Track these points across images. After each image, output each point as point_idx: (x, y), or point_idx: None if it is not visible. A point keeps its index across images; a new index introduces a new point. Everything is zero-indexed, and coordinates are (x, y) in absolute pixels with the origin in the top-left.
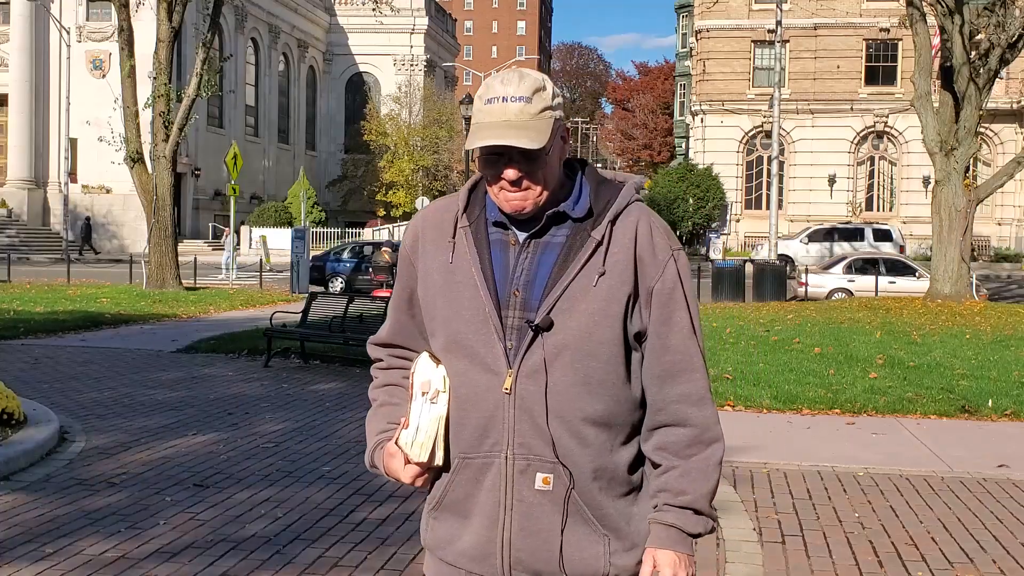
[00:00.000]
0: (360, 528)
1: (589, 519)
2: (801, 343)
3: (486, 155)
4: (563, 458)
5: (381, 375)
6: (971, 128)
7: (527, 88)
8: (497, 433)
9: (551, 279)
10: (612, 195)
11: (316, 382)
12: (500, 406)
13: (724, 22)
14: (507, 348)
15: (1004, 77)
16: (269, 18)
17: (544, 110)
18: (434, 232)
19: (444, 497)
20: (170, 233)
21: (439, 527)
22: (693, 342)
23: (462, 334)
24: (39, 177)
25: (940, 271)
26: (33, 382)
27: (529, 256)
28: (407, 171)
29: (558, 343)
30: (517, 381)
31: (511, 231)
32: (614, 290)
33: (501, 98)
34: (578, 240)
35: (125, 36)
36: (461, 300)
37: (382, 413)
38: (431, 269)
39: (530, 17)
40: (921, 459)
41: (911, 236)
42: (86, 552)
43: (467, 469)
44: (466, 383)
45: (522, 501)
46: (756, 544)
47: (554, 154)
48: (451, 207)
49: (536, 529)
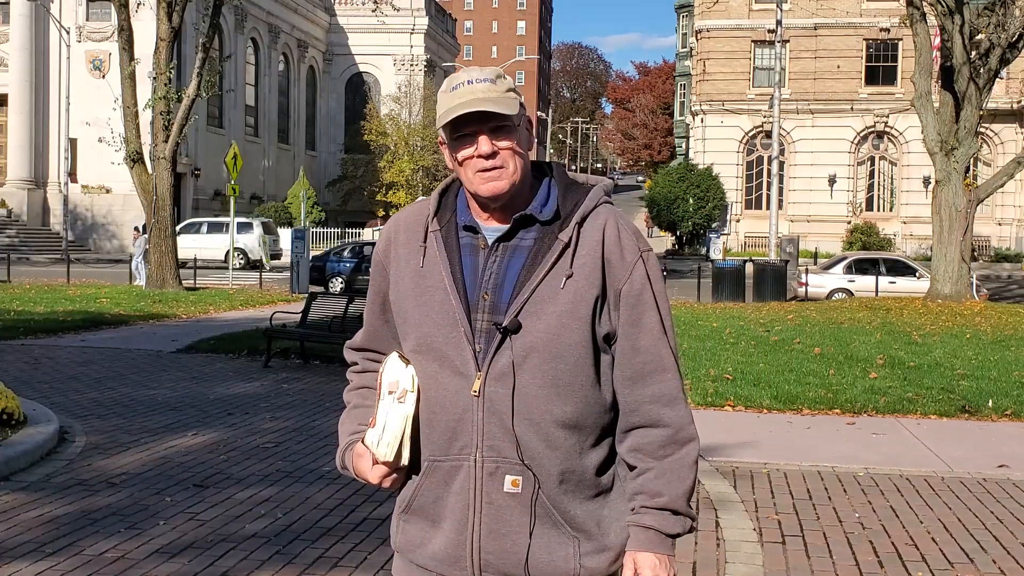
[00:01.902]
0: (360, 528)
1: (558, 522)
2: (801, 343)
3: (457, 136)
4: (530, 460)
5: (355, 378)
6: (971, 128)
7: (490, 73)
8: (466, 436)
9: (519, 282)
10: (580, 197)
11: (316, 382)
12: (469, 408)
13: (724, 22)
14: (476, 351)
15: (1004, 77)
16: (269, 18)
17: (509, 91)
18: (406, 236)
19: (413, 500)
20: (170, 233)
21: (409, 529)
22: (664, 343)
23: (432, 337)
24: (39, 177)
25: (940, 271)
26: (33, 382)
27: (498, 260)
28: (407, 171)
29: (526, 345)
30: (486, 384)
31: (480, 235)
32: (582, 292)
33: (466, 81)
34: (546, 243)
35: (125, 36)
36: (431, 304)
37: (355, 415)
38: (403, 274)
39: (530, 17)
40: (921, 459)
41: (911, 236)
42: (86, 552)
43: (436, 472)
44: (435, 386)
45: (491, 504)
46: (756, 544)
47: (523, 138)
48: (422, 211)
49: (505, 532)
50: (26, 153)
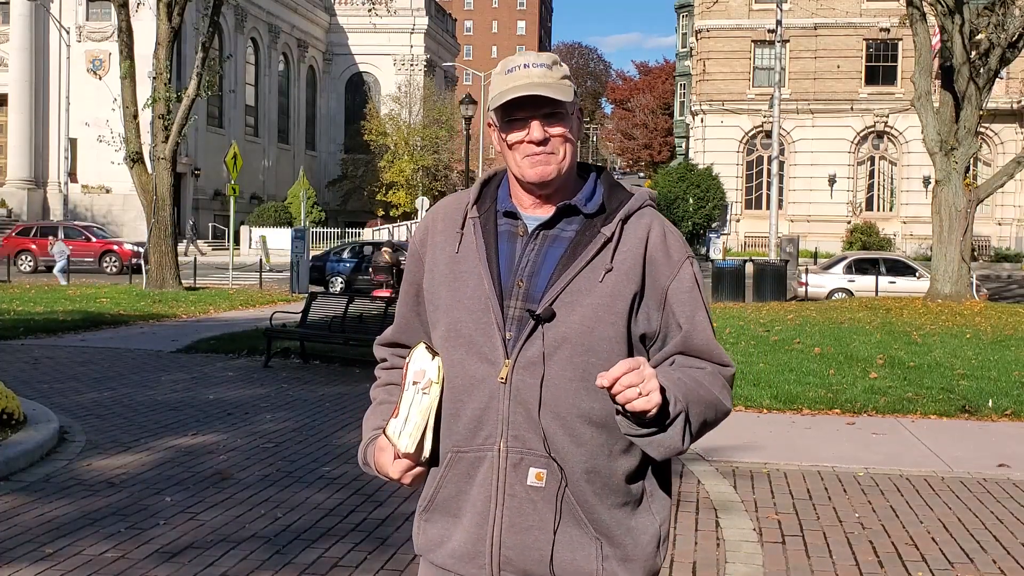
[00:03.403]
0: (360, 528)
1: (582, 520)
2: (801, 343)
3: (509, 119)
4: (555, 454)
5: (383, 374)
6: (971, 128)
7: (547, 58)
8: (491, 425)
9: (556, 271)
10: (625, 197)
11: (316, 382)
12: (495, 396)
13: (724, 22)
14: (506, 338)
15: (1004, 77)
16: (269, 18)
17: (564, 78)
18: (444, 224)
19: (436, 495)
20: (170, 233)
21: (430, 529)
22: (716, 342)
23: (462, 322)
24: (39, 177)
25: (940, 271)
26: (33, 382)
27: (536, 247)
28: (407, 171)
29: (558, 336)
30: (513, 371)
31: (520, 221)
32: (620, 287)
33: (523, 64)
34: (587, 235)
35: (125, 36)
36: (464, 289)
37: (380, 412)
38: (438, 261)
39: (530, 17)
40: (921, 459)
41: (911, 236)
42: (86, 552)
43: (459, 463)
44: (462, 373)
45: (513, 496)
46: (756, 544)
47: (574, 126)
48: (462, 200)
49: (526, 526)
50: (26, 153)
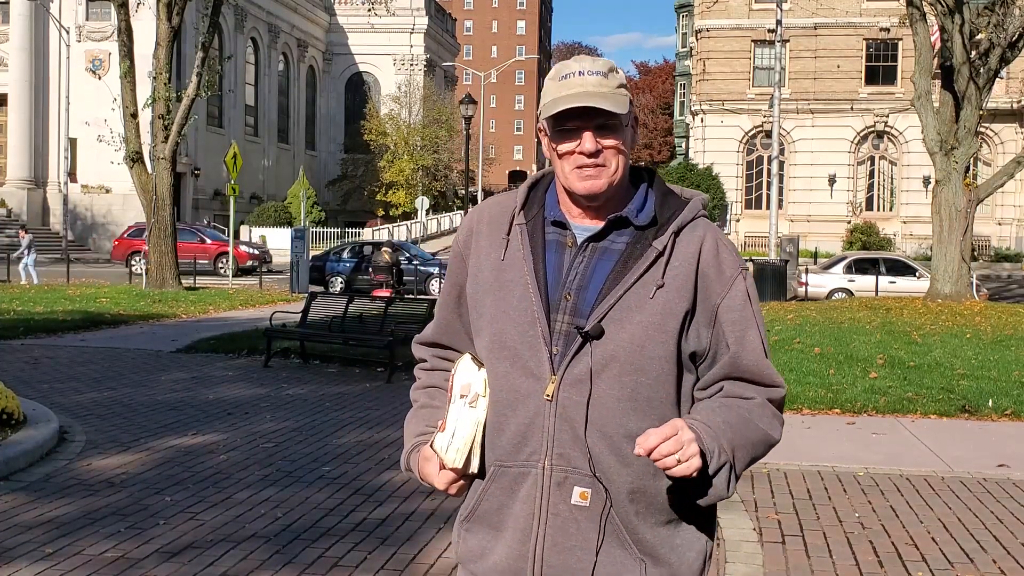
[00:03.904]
0: (360, 528)
1: (626, 541)
2: (801, 343)
3: (560, 128)
4: (601, 474)
5: (424, 376)
6: (971, 128)
7: (603, 65)
8: (536, 442)
9: (606, 286)
10: (678, 207)
11: (316, 382)
12: (540, 413)
13: (724, 22)
14: (552, 353)
15: (1004, 77)
16: (269, 18)
17: (620, 87)
18: (489, 228)
19: (477, 507)
20: (170, 233)
21: (470, 539)
22: (767, 363)
23: (507, 335)
24: (39, 177)
25: (940, 271)
26: (33, 382)
27: (585, 260)
28: (407, 171)
29: (607, 353)
30: (560, 388)
31: (569, 231)
32: (671, 304)
33: (578, 72)
34: (638, 248)
35: (124, 36)
36: (510, 300)
37: (421, 415)
38: (482, 266)
39: (530, 17)
40: (921, 459)
41: (911, 236)
42: (86, 552)
43: (503, 477)
44: (506, 387)
45: (557, 515)
46: (756, 544)
47: (628, 137)
48: (508, 203)
49: (570, 546)
50: (26, 153)
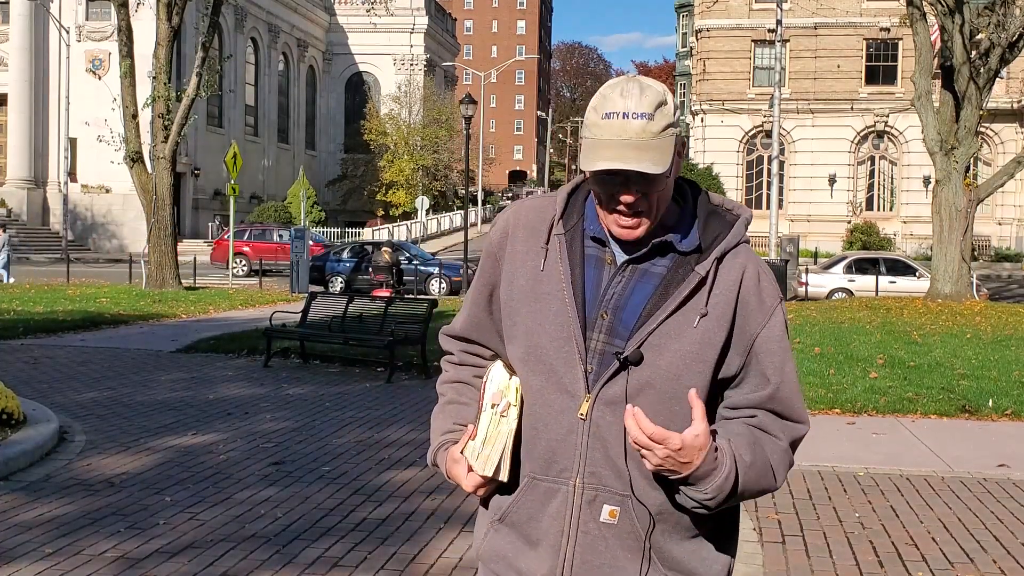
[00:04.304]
0: (360, 528)
1: (653, 559)
2: (801, 343)
3: (601, 175)
4: (637, 495)
5: (452, 370)
6: (971, 128)
7: (649, 103)
8: (567, 459)
9: (646, 310)
10: (722, 230)
11: (316, 382)
12: (573, 431)
13: (724, 21)
14: (587, 371)
15: (1004, 77)
16: (269, 18)
17: (666, 128)
18: (526, 233)
19: (509, 512)
20: (170, 233)
21: (498, 539)
22: (800, 397)
23: (543, 349)
24: (39, 177)
25: (940, 271)
26: (33, 382)
27: (624, 280)
28: (407, 171)
29: (643, 380)
30: (594, 408)
31: (609, 249)
32: (711, 334)
33: (621, 114)
34: (680, 274)
35: (124, 36)
36: (546, 313)
37: (449, 411)
38: (518, 273)
39: (530, 17)
40: (921, 459)
41: (911, 236)
42: (86, 552)
43: (534, 490)
44: (540, 402)
45: (587, 533)
46: (756, 544)
47: (674, 168)
48: (547, 209)
49: (599, 564)
50: (26, 153)
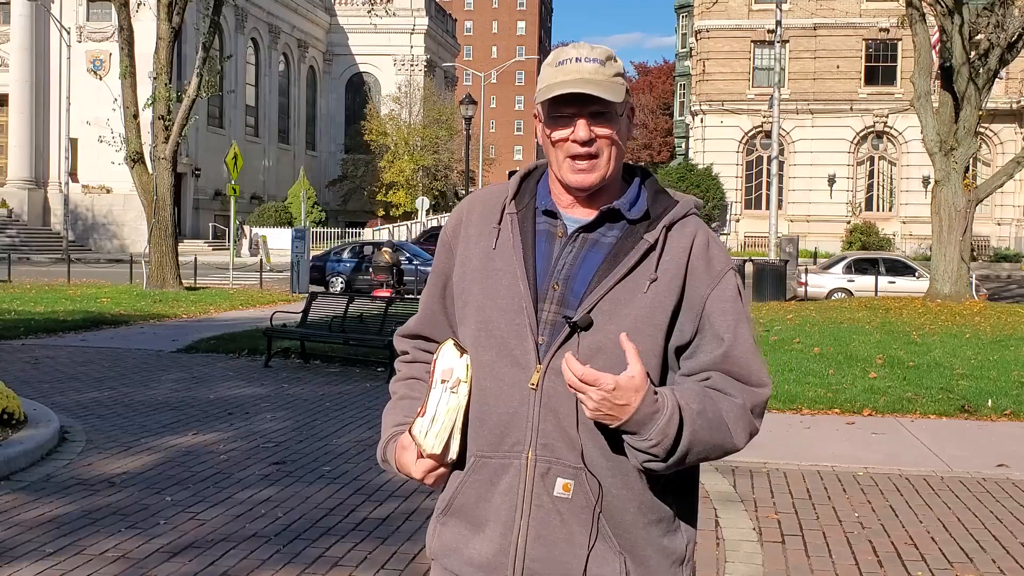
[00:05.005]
0: (360, 527)
1: (607, 534)
2: (801, 343)
3: (555, 115)
4: (588, 466)
5: (405, 368)
6: (971, 128)
7: (601, 53)
8: (519, 431)
9: (596, 277)
10: (670, 203)
11: (316, 382)
12: (524, 403)
13: (724, 22)
14: (538, 343)
15: (1004, 77)
16: (269, 18)
17: (617, 75)
18: (479, 217)
19: (455, 499)
20: (170, 233)
21: (446, 533)
22: (757, 357)
23: (494, 323)
24: (39, 177)
25: (940, 271)
26: (33, 382)
27: (575, 250)
28: (407, 171)
29: (594, 345)
30: (545, 377)
31: (560, 221)
32: (662, 297)
33: (575, 58)
34: (629, 242)
35: (125, 36)
36: (498, 288)
37: (401, 407)
38: (471, 254)
39: (530, 17)
40: (921, 459)
41: (911, 236)
42: (87, 552)
43: (483, 469)
44: (490, 376)
45: (540, 507)
46: (756, 544)
47: (623, 127)
48: (500, 193)
49: (554, 539)
50: (27, 153)
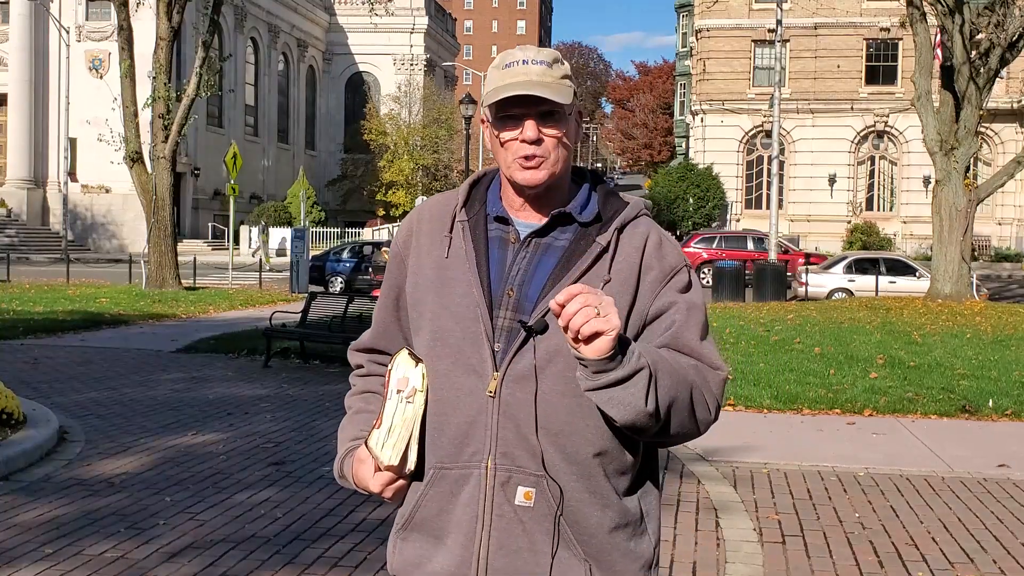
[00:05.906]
0: (360, 528)
1: (571, 541)
2: (801, 343)
3: (503, 115)
4: (550, 472)
5: (360, 382)
6: (971, 128)
7: (547, 55)
8: (479, 441)
9: (550, 281)
10: (621, 205)
11: (316, 382)
12: (483, 411)
13: (724, 21)
14: (495, 350)
15: (1004, 77)
16: (269, 17)
17: (564, 77)
18: (430, 226)
19: (415, 514)
20: (169, 233)
21: (407, 548)
22: (710, 345)
23: (449, 331)
24: (39, 177)
25: (940, 271)
26: (33, 382)
27: (528, 255)
28: (407, 171)
29: (550, 348)
30: (503, 385)
31: (512, 227)
32: (616, 298)
33: (521, 61)
34: (581, 244)
35: (125, 36)
36: (452, 296)
37: (356, 420)
38: (423, 264)
39: (530, 17)
40: (921, 459)
41: (911, 236)
42: (86, 552)
43: (442, 481)
44: (447, 385)
45: (501, 517)
46: (756, 544)
47: (571, 129)
48: (450, 201)
49: (516, 548)
50: (26, 153)
